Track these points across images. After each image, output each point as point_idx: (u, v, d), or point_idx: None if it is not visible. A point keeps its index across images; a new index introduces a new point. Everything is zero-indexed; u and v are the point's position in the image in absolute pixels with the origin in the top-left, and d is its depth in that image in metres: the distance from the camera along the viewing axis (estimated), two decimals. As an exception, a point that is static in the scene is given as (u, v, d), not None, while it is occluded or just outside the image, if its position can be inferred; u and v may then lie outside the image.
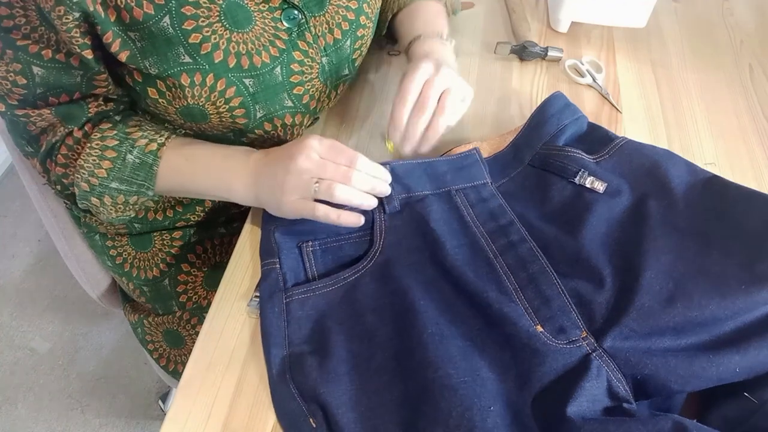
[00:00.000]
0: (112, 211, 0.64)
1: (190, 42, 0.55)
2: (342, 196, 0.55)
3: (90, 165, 0.60)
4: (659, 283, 0.49)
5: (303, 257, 0.58)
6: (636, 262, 0.51)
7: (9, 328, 1.51)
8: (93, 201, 0.62)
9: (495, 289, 0.52)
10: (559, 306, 0.51)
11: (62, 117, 0.59)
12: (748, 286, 0.48)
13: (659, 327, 0.47)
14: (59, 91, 0.57)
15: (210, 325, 0.57)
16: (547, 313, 0.50)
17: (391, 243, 0.58)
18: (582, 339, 0.48)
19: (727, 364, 0.45)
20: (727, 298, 0.47)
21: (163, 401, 1.39)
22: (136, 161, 0.60)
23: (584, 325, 0.49)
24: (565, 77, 0.85)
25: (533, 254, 0.55)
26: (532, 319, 0.50)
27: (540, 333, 0.49)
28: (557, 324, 0.50)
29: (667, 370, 0.46)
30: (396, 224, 0.59)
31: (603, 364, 0.47)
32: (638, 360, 0.47)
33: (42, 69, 0.55)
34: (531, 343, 0.48)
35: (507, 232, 0.57)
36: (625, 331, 0.48)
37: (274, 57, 0.60)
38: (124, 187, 0.61)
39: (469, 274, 0.53)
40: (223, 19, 0.56)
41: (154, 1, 0.52)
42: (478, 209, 0.60)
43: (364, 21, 0.68)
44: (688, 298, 0.48)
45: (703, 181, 0.58)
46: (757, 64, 0.91)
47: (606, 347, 0.48)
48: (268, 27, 0.60)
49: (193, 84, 0.57)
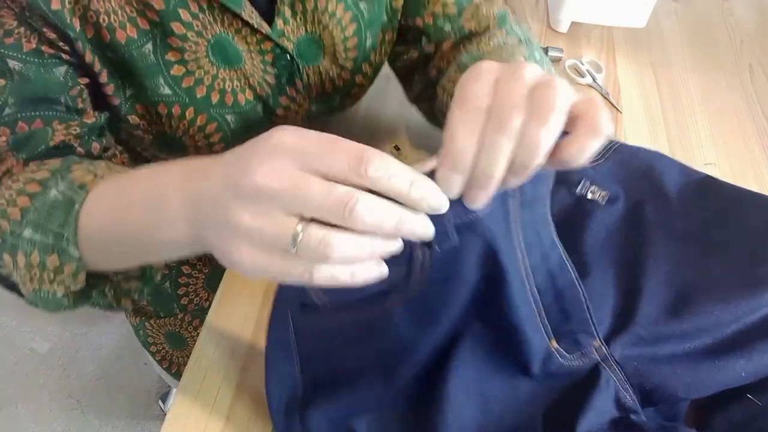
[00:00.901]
0: (26, 281, 0.42)
1: (172, 74, 0.50)
2: (346, 254, 0.29)
3: (4, 201, 0.43)
4: (662, 291, 0.49)
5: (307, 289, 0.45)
6: (638, 269, 0.51)
7: (9, 328, 1.51)
8: (6, 260, 0.43)
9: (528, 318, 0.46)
10: (579, 320, 0.48)
11: (15, 145, 0.45)
12: (751, 289, 0.47)
13: (665, 333, 0.47)
14: (32, 112, 0.46)
15: (211, 325, 0.57)
16: (566, 328, 0.47)
17: (436, 279, 0.42)
18: (594, 348, 0.47)
19: (732, 368, 0.45)
20: (730, 303, 0.47)
21: (163, 401, 1.39)
22: (58, 198, 0.41)
23: (598, 334, 0.48)
24: (565, 77, 0.85)
25: (563, 265, 0.48)
26: (548, 334, 0.47)
27: (555, 350, 0.47)
28: (572, 338, 0.47)
29: (675, 378, 0.45)
30: (445, 258, 0.41)
31: (611, 374, 0.46)
32: (646, 368, 0.46)
33: (20, 63, 0.44)
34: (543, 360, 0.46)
35: (543, 241, 0.47)
36: (634, 339, 0.47)
37: (259, 96, 0.56)
38: (38, 238, 0.41)
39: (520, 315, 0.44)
40: (210, 55, 0.51)
41: (138, 25, 0.47)
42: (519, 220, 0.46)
43: (360, 80, 0.63)
44: (692, 306, 0.47)
45: (697, 182, 0.58)
46: (757, 65, 0.91)
47: (615, 356, 0.47)
48: (257, 68, 0.54)
49: (171, 115, 0.53)
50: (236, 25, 0.51)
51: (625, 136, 0.77)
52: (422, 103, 0.67)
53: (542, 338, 0.47)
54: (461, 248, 0.39)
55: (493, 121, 0.30)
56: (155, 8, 0.47)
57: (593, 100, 0.32)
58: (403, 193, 0.29)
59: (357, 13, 0.57)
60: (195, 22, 0.49)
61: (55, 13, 0.43)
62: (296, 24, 0.54)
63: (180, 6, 0.48)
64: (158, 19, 0.47)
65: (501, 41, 0.57)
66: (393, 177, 0.29)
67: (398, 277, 0.40)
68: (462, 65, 0.57)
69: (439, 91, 0.59)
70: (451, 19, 0.60)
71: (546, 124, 0.30)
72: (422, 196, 0.30)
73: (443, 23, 0.60)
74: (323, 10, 0.54)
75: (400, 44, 0.64)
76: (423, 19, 0.60)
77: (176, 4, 0.47)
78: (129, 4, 0.46)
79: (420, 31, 0.61)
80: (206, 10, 0.49)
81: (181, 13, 0.48)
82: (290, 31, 0.54)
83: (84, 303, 0.46)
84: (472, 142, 0.30)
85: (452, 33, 0.60)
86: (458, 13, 0.60)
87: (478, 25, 0.60)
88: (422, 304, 0.42)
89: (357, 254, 0.30)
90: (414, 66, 0.65)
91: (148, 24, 0.47)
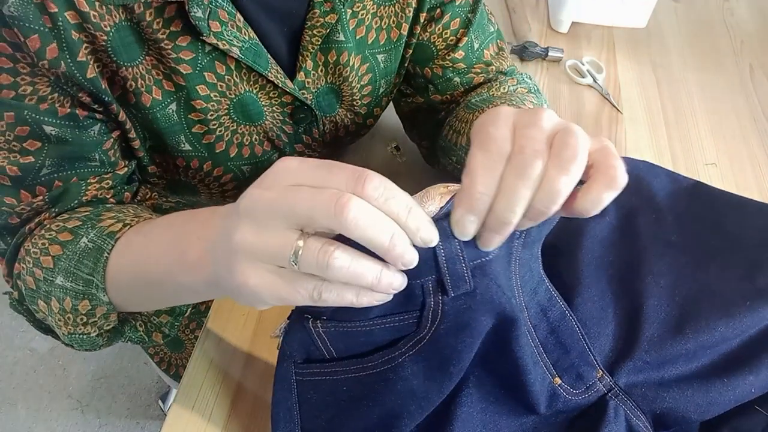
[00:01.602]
0: (61, 325, 0.45)
1: (193, 131, 0.51)
2: (347, 264, 0.29)
3: (37, 250, 0.45)
4: (664, 310, 0.48)
5: (312, 337, 0.40)
6: (636, 287, 0.50)
7: (9, 328, 1.51)
8: (41, 306, 0.45)
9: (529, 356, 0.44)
10: (579, 352, 0.46)
11: (51, 201, 0.47)
12: (753, 301, 0.47)
13: (671, 355, 0.46)
14: (69, 171, 0.47)
15: (211, 325, 0.57)
16: (566, 362, 0.46)
17: (448, 327, 0.38)
18: (598, 380, 0.46)
19: (742, 385, 0.45)
20: (733, 317, 0.46)
21: (163, 401, 1.39)
22: (88, 245, 0.43)
23: (599, 363, 0.46)
24: (565, 77, 0.85)
25: (551, 297, 0.45)
26: (550, 372, 0.46)
27: (558, 386, 0.45)
28: (575, 372, 0.46)
29: (686, 400, 0.45)
30: (459, 305, 0.37)
31: (620, 403, 0.45)
32: (655, 394, 0.45)
33: (56, 128, 0.45)
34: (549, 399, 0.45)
35: (533, 277, 0.44)
36: (639, 364, 0.46)
37: (276, 147, 0.57)
38: (69, 285, 0.43)
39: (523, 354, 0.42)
40: (231, 113, 0.52)
41: (164, 87, 0.47)
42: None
43: (371, 123, 0.64)
44: (695, 322, 0.46)
45: (687, 189, 0.57)
46: (757, 65, 0.91)
47: (621, 384, 0.46)
48: (277, 120, 0.55)
49: (188, 167, 0.53)
50: (261, 82, 0.51)
51: (625, 136, 0.77)
52: (424, 141, 0.67)
53: (545, 375, 0.45)
54: (476, 293, 0.37)
55: (514, 166, 0.30)
56: (182, 72, 0.47)
57: (608, 148, 0.32)
58: (401, 218, 0.29)
59: (374, 63, 0.57)
60: (219, 83, 0.49)
61: (91, 81, 0.43)
62: (317, 76, 0.55)
63: (206, 69, 0.48)
64: (184, 83, 0.47)
65: (511, 88, 0.57)
66: (391, 199, 0.29)
67: (408, 325, 0.38)
68: (471, 105, 0.57)
69: (445, 129, 0.59)
70: (460, 73, 0.60)
71: (567, 173, 0.29)
72: (418, 225, 0.30)
73: (452, 75, 0.60)
74: (345, 64, 0.54)
75: (406, 88, 0.64)
76: (432, 70, 0.60)
77: (203, 68, 0.47)
78: (156, 68, 0.46)
79: (427, 80, 0.61)
80: (233, 70, 0.49)
81: (207, 76, 0.48)
82: (310, 83, 0.55)
83: (117, 339, 0.48)
84: (491, 186, 0.30)
85: (461, 85, 0.60)
86: (468, 68, 0.60)
87: (487, 78, 0.60)
88: (433, 356, 0.39)
89: (358, 266, 0.29)
90: (418, 110, 0.65)
91: (173, 86, 0.48)
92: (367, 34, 0.55)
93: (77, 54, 0.42)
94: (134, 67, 0.45)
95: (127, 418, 1.37)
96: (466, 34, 0.58)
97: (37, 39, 0.40)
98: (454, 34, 0.59)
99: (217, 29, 0.45)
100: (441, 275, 0.35)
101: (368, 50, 0.56)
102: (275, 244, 0.29)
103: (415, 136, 0.69)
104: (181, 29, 0.45)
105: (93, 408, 1.39)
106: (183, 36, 0.45)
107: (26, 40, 0.40)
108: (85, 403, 1.39)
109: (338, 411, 0.42)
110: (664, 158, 0.75)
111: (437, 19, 0.58)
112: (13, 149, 0.44)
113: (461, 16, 0.58)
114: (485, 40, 0.60)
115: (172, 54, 0.46)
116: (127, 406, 1.39)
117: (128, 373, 1.44)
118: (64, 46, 0.41)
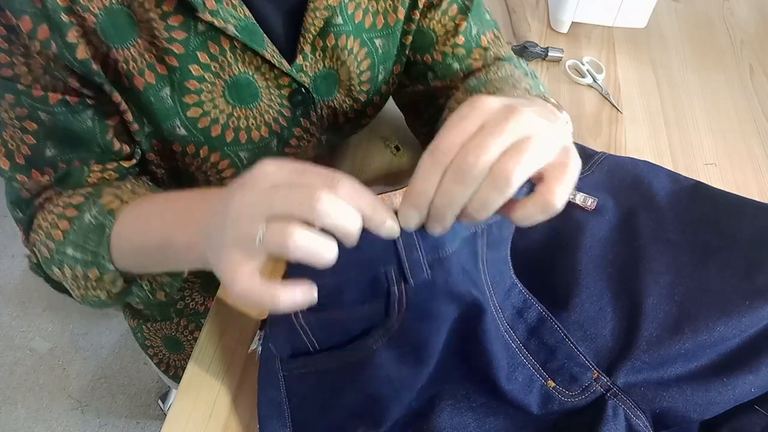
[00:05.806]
0: (74, 288, 0.51)
1: (189, 115, 0.51)
2: (301, 246, 0.32)
3: (47, 224, 0.50)
4: (663, 308, 0.48)
5: (296, 328, 0.43)
6: (635, 286, 0.50)
7: (9, 328, 1.51)
8: (56, 272, 0.51)
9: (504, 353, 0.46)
10: (566, 353, 0.47)
11: (56, 182, 0.51)
12: (752, 301, 0.47)
13: (670, 355, 0.46)
14: (70, 154, 0.50)
15: (210, 325, 0.57)
16: (555, 364, 0.47)
17: (413, 316, 0.41)
18: (594, 381, 0.46)
19: (741, 385, 0.45)
20: (733, 317, 0.46)
21: (163, 401, 1.39)
22: (92, 222, 0.48)
23: (594, 364, 0.47)
24: (565, 77, 0.85)
25: (526, 300, 0.48)
26: (541, 375, 0.46)
27: (552, 389, 0.46)
28: (567, 373, 0.46)
29: (685, 399, 0.45)
30: (422, 296, 0.41)
31: (619, 403, 0.45)
32: (654, 393, 0.45)
33: (48, 115, 0.47)
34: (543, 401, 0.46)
35: (504, 280, 0.47)
36: (638, 364, 0.46)
37: (274, 132, 0.57)
38: (79, 255, 0.48)
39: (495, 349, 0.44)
40: (226, 95, 0.51)
41: (157, 70, 0.48)
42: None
43: (370, 112, 0.64)
44: (694, 322, 0.46)
45: (687, 189, 0.57)
46: (757, 64, 0.91)
47: (620, 384, 0.46)
48: (274, 103, 0.55)
49: (185, 153, 0.54)
50: (256, 63, 0.51)
51: (625, 136, 0.77)
52: (424, 127, 0.67)
53: (534, 377, 0.46)
54: (435, 284, 0.40)
55: (453, 171, 0.33)
56: (175, 53, 0.47)
57: (566, 165, 0.33)
58: (367, 213, 0.33)
59: (372, 48, 0.57)
60: (213, 63, 0.49)
61: (82, 63, 0.44)
62: (315, 59, 0.54)
63: (199, 49, 0.48)
64: (177, 64, 0.48)
65: (508, 72, 0.58)
66: (360, 198, 0.33)
67: (378, 314, 0.41)
68: (469, 88, 0.57)
69: (445, 112, 0.60)
70: (460, 58, 0.60)
71: (499, 193, 0.32)
72: (383, 219, 0.34)
73: (452, 61, 0.60)
74: (343, 48, 0.55)
75: (405, 78, 0.65)
76: (432, 56, 0.61)
77: (195, 47, 0.47)
78: (148, 51, 0.46)
79: (428, 66, 0.62)
80: (227, 51, 0.49)
81: (200, 56, 0.48)
82: (308, 66, 0.54)
83: (126, 298, 0.52)
84: (431, 187, 0.33)
85: (460, 71, 0.61)
86: (467, 53, 0.60)
87: (485, 63, 0.61)
88: (404, 342, 0.42)
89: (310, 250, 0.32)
90: (418, 99, 0.66)
91: (166, 69, 0.48)
92: (364, 17, 0.55)
93: (66, 35, 0.43)
94: (126, 49, 0.46)
95: (127, 418, 1.37)
96: (465, 19, 0.59)
97: (28, 20, 0.41)
98: (453, 20, 0.60)
99: (212, 6, 0.45)
100: (401, 261, 0.38)
101: (365, 34, 0.56)
102: (248, 233, 0.33)
103: (417, 125, 0.69)
104: (174, 9, 0.45)
105: (93, 408, 1.39)
106: (175, 15, 0.45)
107: (18, 21, 0.41)
108: (85, 403, 1.40)
109: (325, 400, 0.45)
110: (664, 158, 0.75)
111: (436, 5, 0.59)
112: (15, 126, 0.48)
113: (458, 2, 0.59)
114: (482, 27, 0.61)
115: (165, 34, 0.46)
116: (127, 406, 1.39)
117: (128, 373, 1.44)
118: (54, 28, 0.42)
